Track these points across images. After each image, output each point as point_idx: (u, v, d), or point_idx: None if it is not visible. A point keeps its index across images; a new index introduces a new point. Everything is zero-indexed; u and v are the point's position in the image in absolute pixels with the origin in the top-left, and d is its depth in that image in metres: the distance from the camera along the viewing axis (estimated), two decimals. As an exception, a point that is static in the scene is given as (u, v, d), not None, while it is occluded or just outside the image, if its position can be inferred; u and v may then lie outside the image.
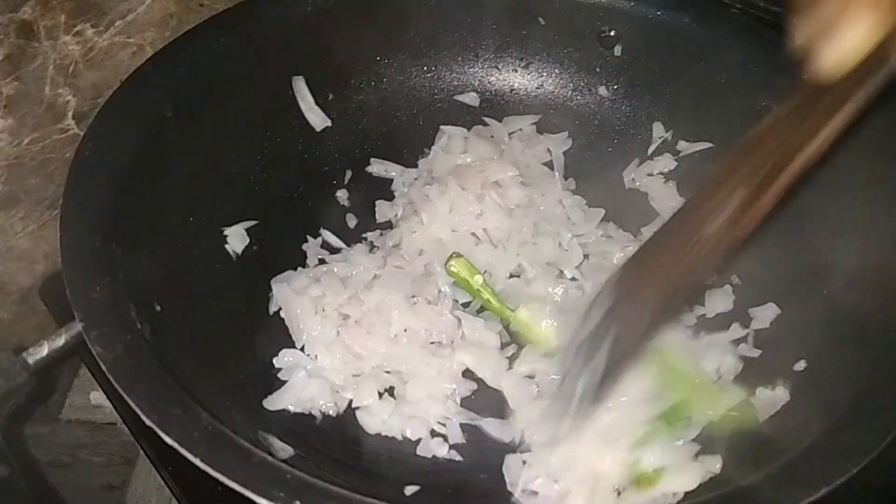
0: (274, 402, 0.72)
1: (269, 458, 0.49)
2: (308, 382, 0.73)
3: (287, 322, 0.78)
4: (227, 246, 0.81)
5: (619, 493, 0.66)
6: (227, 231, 0.82)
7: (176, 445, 0.48)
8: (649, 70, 0.95)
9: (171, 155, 0.75)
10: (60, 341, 0.55)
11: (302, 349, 0.76)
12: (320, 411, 0.73)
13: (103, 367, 0.52)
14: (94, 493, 1.04)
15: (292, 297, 0.78)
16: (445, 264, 0.80)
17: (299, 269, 0.82)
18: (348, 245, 0.86)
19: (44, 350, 0.55)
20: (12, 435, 0.96)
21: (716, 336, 0.78)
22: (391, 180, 0.94)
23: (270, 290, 0.81)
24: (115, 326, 0.55)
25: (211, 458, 0.48)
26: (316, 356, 0.75)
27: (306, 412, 0.73)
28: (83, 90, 0.94)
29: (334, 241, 0.87)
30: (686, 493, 0.65)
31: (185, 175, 0.77)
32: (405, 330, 0.76)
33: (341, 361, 0.75)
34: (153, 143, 0.73)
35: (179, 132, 0.76)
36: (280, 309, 0.79)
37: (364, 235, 0.88)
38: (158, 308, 0.67)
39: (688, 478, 0.65)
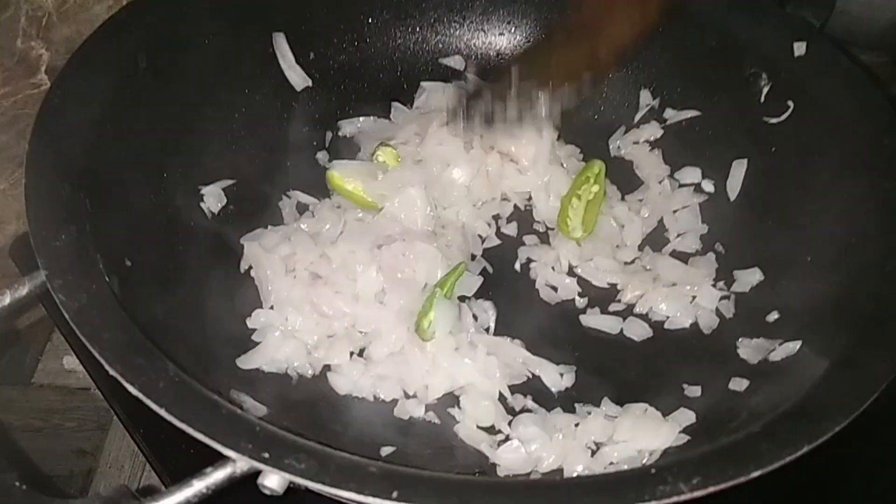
0: (247, 361, 0.70)
1: (238, 410, 0.47)
2: (282, 342, 0.71)
3: (256, 281, 0.76)
4: (202, 204, 0.79)
5: (592, 453, 0.66)
6: (204, 190, 0.80)
7: (140, 395, 0.47)
8: (638, 35, 0.93)
9: (145, 107, 0.73)
10: (23, 290, 0.53)
11: (272, 308, 0.74)
12: (296, 372, 0.72)
13: (67, 316, 0.50)
14: (67, 459, 1.02)
15: (262, 255, 0.76)
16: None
17: (269, 227, 0.80)
18: (321, 204, 0.84)
19: (5, 299, 0.53)
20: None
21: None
22: (373, 141, 0.91)
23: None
24: (80, 276, 0.53)
25: (177, 408, 0.46)
26: (286, 318, 0.73)
27: (281, 372, 0.71)
28: (56, 44, 0.91)
29: (307, 200, 0.85)
30: (665, 452, 0.64)
31: (160, 129, 0.75)
32: (370, 289, 0.74)
33: (312, 322, 0.73)
34: (126, 93, 0.70)
35: (153, 84, 0.74)
36: (251, 267, 0.77)
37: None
38: (128, 263, 0.65)
39: (662, 435, 0.65)
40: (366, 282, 0.74)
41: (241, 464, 0.45)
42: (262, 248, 0.77)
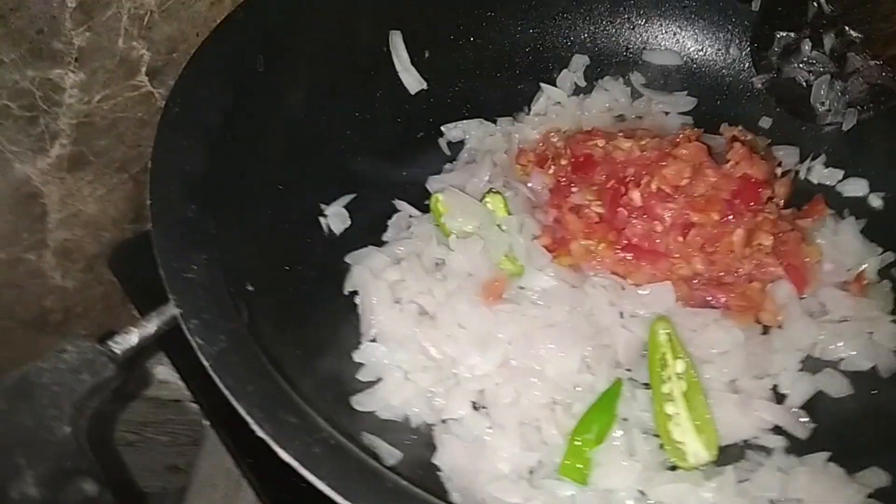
0: (363, 403, 0.64)
1: (403, 482, 0.41)
2: (402, 386, 0.64)
3: (360, 308, 0.70)
4: (323, 220, 0.73)
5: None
6: (327, 210, 0.74)
7: (296, 465, 0.40)
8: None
9: (264, 114, 0.67)
10: (151, 328, 0.47)
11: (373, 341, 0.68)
12: (415, 416, 0.65)
13: (206, 364, 0.44)
14: (160, 475, 0.98)
15: (370, 280, 0.69)
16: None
17: (377, 246, 0.73)
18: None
19: (132, 338, 0.47)
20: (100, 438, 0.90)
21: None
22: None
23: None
24: (217, 314, 0.47)
25: (339, 482, 0.39)
26: (396, 356, 0.66)
27: (398, 419, 0.65)
28: (158, 44, 0.86)
29: (414, 213, 0.77)
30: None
31: (277, 137, 0.69)
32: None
33: (419, 364, 0.66)
34: (245, 99, 0.64)
35: (272, 89, 0.68)
36: (356, 292, 0.70)
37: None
38: (251, 288, 0.59)
39: (846, 497, 0.57)
40: (484, 361, 0.65)
41: (412, 549, 0.39)
42: (370, 271, 0.70)
